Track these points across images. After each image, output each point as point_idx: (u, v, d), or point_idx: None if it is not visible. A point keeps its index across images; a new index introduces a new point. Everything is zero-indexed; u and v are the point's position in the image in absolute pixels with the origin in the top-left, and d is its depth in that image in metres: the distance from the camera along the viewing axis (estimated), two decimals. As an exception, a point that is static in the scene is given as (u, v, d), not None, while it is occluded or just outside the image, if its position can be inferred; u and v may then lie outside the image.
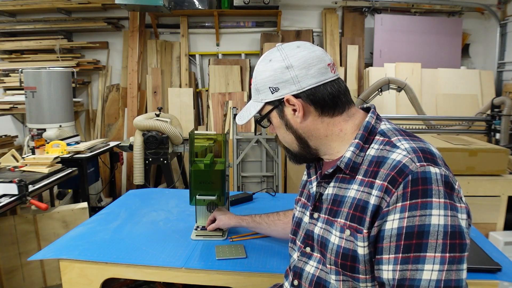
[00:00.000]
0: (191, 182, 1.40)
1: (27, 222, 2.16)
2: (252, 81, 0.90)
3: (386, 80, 3.51)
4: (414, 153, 0.72)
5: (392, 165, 0.72)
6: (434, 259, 0.65)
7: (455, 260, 0.66)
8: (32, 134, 3.32)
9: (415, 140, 0.77)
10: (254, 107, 0.90)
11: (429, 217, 0.67)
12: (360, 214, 0.75)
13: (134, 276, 1.22)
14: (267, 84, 0.85)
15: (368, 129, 0.82)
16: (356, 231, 0.75)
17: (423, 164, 0.70)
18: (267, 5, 3.81)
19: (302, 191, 1.00)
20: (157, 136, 3.16)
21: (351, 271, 0.76)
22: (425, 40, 4.16)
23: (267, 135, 3.11)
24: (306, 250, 0.88)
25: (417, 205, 0.68)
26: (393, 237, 0.69)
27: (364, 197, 0.75)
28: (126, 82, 4.19)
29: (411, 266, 0.67)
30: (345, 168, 0.80)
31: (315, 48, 0.84)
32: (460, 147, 2.68)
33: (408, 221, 0.68)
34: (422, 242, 0.66)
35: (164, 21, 4.29)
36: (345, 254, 0.76)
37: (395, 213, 0.69)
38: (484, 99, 3.99)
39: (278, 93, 0.84)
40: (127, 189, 3.98)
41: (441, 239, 0.66)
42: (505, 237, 2.56)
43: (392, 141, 0.77)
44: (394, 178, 0.71)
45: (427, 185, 0.68)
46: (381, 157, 0.76)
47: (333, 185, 0.84)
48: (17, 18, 4.22)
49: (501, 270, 1.13)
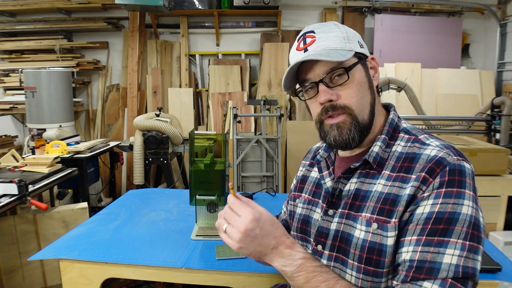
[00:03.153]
0: (191, 182, 1.40)
1: (27, 222, 2.16)
2: (334, 30, 0.82)
3: (386, 80, 3.51)
4: (447, 149, 0.76)
5: (429, 158, 0.75)
6: (456, 244, 0.68)
7: (473, 249, 0.68)
8: (32, 134, 3.33)
9: (440, 140, 0.80)
10: (342, 54, 0.78)
11: (461, 206, 0.70)
12: (389, 207, 0.76)
13: (134, 276, 1.22)
14: (356, 37, 0.84)
15: (392, 126, 0.85)
16: (384, 223, 0.75)
17: (459, 158, 0.74)
18: (267, 5, 3.81)
19: (302, 186, 0.99)
20: (157, 136, 3.16)
21: (376, 265, 0.76)
22: (425, 40, 4.15)
23: (267, 135, 3.11)
24: (318, 248, 0.87)
25: (452, 193, 0.71)
26: (421, 220, 0.71)
27: (395, 191, 0.76)
28: (126, 82, 4.19)
29: (433, 249, 0.69)
30: (373, 163, 0.81)
31: None
32: (460, 147, 2.68)
33: (440, 207, 0.70)
34: (449, 228, 0.69)
35: (164, 21, 4.29)
36: (371, 248, 0.76)
37: (429, 199, 0.72)
38: (484, 99, 3.99)
39: (364, 49, 0.85)
40: (127, 189, 3.98)
41: (466, 227, 0.69)
42: (505, 237, 2.56)
43: (420, 139, 0.80)
44: (432, 168, 0.73)
45: (463, 177, 0.72)
46: (411, 153, 0.78)
47: (355, 181, 0.83)
48: (17, 18, 4.22)
49: (501, 270, 1.13)
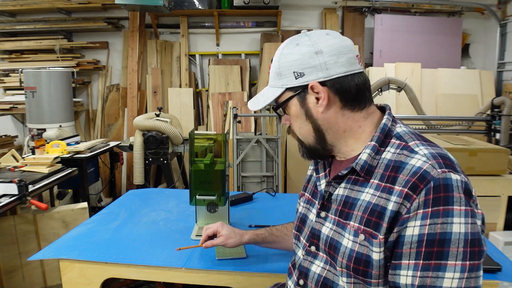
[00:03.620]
0: (191, 182, 1.40)
1: (27, 222, 2.16)
2: (272, 65, 0.84)
3: (386, 80, 3.51)
4: (434, 159, 0.71)
5: (412, 171, 0.71)
6: (455, 267, 0.65)
7: (474, 268, 0.66)
8: (32, 134, 3.33)
9: (433, 146, 0.75)
10: (272, 93, 0.84)
11: (451, 225, 0.66)
12: (376, 219, 0.73)
13: (134, 276, 1.22)
14: (292, 68, 0.80)
15: (384, 132, 0.80)
16: (371, 236, 0.73)
17: (445, 170, 0.69)
18: (267, 5, 3.81)
19: (307, 186, 0.98)
20: (157, 136, 3.16)
21: (363, 275, 0.75)
22: (425, 40, 4.15)
23: (267, 135, 3.11)
24: (311, 249, 0.86)
25: (439, 212, 0.67)
26: (413, 243, 0.68)
27: (382, 203, 0.73)
28: (126, 82, 4.19)
29: (431, 273, 0.66)
30: (361, 171, 0.78)
31: (345, 37, 0.82)
32: (460, 147, 2.68)
33: (429, 228, 0.67)
34: (443, 250, 0.66)
35: (164, 21, 4.28)
36: (358, 258, 0.75)
37: (416, 219, 0.68)
38: (484, 99, 3.99)
39: (302, 78, 0.79)
40: (127, 189, 3.98)
41: (462, 247, 0.66)
42: (505, 237, 2.56)
43: (409, 146, 0.76)
44: (415, 184, 0.69)
45: (448, 192, 0.67)
46: (398, 162, 0.74)
47: (344, 186, 0.82)
48: (17, 18, 4.22)
49: (501, 270, 1.13)
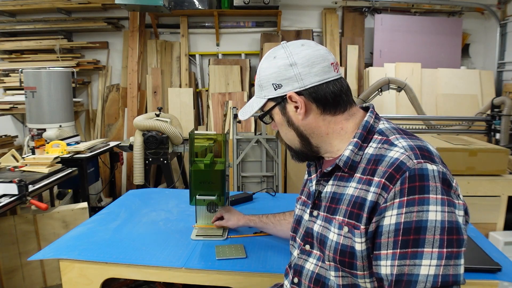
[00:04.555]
0: (191, 182, 1.40)
1: (27, 222, 2.16)
2: (255, 78, 0.91)
3: (386, 80, 3.51)
4: (412, 151, 0.73)
5: (390, 162, 0.74)
6: (431, 254, 0.67)
7: (453, 255, 0.67)
8: (32, 134, 3.33)
9: (413, 139, 0.78)
10: (256, 103, 0.91)
11: (426, 213, 0.68)
12: (357, 211, 0.76)
13: (134, 276, 1.22)
14: (270, 80, 0.86)
15: (366, 128, 0.83)
16: (354, 228, 0.76)
17: (420, 161, 0.71)
18: (267, 5, 3.81)
19: (303, 189, 1.01)
20: (157, 136, 3.16)
21: (349, 267, 0.77)
22: (425, 40, 4.16)
23: (267, 135, 3.11)
24: (306, 247, 0.89)
25: (414, 201, 0.69)
26: (391, 232, 0.70)
27: (362, 194, 0.76)
28: (126, 82, 4.19)
29: (409, 262, 0.68)
30: (344, 167, 0.82)
31: (319, 47, 0.86)
32: (460, 147, 2.68)
33: (405, 216, 0.69)
34: (419, 237, 0.67)
35: (164, 21, 4.29)
36: (343, 250, 0.78)
37: (393, 209, 0.70)
38: (484, 99, 3.99)
39: (281, 89, 0.85)
40: (127, 189, 3.98)
41: (438, 234, 0.67)
42: (505, 237, 2.56)
43: (390, 140, 0.79)
44: (392, 174, 0.72)
45: (424, 182, 0.69)
46: (379, 155, 0.77)
47: (331, 183, 0.85)
48: (17, 18, 4.22)
49: (501, 270, 1.13)
